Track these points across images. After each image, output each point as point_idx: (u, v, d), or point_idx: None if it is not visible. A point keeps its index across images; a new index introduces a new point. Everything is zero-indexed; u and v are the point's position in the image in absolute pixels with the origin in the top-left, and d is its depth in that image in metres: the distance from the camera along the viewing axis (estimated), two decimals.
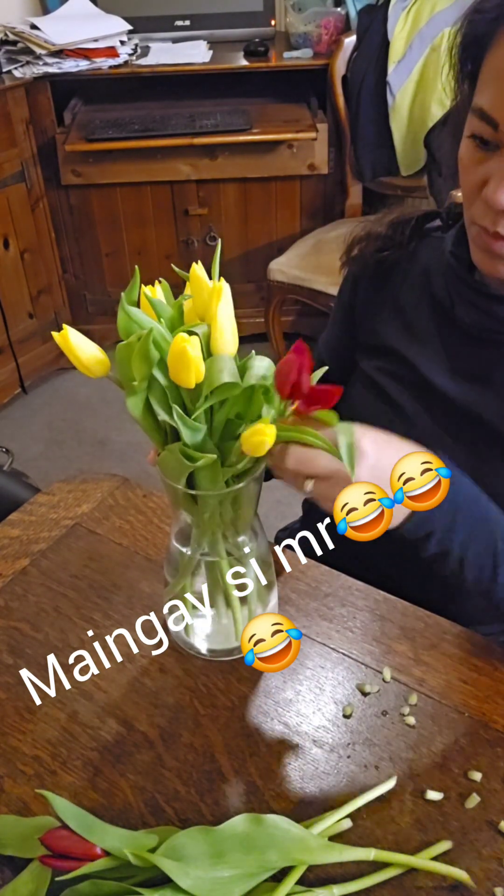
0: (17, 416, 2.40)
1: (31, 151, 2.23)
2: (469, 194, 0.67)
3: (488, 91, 0.61)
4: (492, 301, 0.73)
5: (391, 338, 0.83)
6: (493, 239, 0.66)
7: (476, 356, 0.76)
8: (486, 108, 0.61)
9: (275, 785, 0.64)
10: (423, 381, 0.80)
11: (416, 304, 0.82)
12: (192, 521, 0.65)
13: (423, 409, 0.80)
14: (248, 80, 2.36)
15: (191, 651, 0.74)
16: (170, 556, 0.70)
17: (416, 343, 0.81)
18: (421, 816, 0.61)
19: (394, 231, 0.83)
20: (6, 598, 0.82)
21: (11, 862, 0.59)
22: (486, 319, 0.74)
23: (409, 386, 0.81)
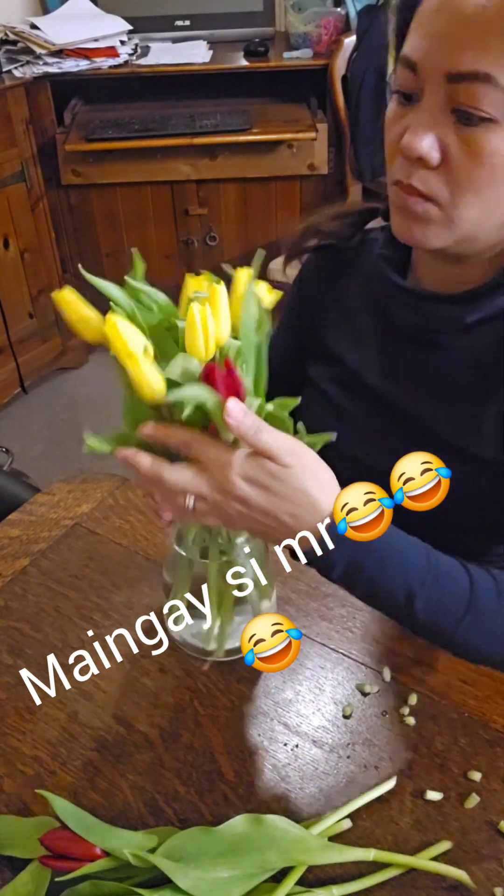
0: (17, 416, 2.40)
1: (31, 151, 2.23)
2: (390, 153, 0.64)
3: (412, 38, 0.60)
4: (419, 299, 0.72)
5: (337, 343, 0.82)
6: (406, 194, 0.63)
7: (414, 358, 0.76)
8: (408, 52, 0.60)
9: (274, 785, 0.64)
10: (367, 388, 0.79)
11: (358, 307, 0.81)
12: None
13: (373, 416, 0.79)
14: (248, 80, 2.36)
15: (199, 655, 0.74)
16: (169, 557, 0.70)
17: (359, 348, 0.80)
18: (420, 816, 0.61)
19: (335, 225, 0.82)
20: (6, 598, 0.82)
21: (11, 862, 0.59)
22: (419, 319, 0.73)
23: (356, 394, 0.80)
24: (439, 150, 0.60)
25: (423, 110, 0.60)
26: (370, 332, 0.80)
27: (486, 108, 0.56)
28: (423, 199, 0.62)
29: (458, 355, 0.73)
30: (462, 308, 0.70)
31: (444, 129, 0.59)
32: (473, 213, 0.62)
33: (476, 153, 0.58)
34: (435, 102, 0.59)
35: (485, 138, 0.58)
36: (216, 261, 2.46)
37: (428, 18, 0.59)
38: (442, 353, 0.73)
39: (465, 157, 0.59)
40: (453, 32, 0.56)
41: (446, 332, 0.73)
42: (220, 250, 2.44)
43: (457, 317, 0.71)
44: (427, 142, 0.59)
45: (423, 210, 0.63)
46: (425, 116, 0.60)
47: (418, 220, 0.64)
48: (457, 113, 0.58)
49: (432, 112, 0.59)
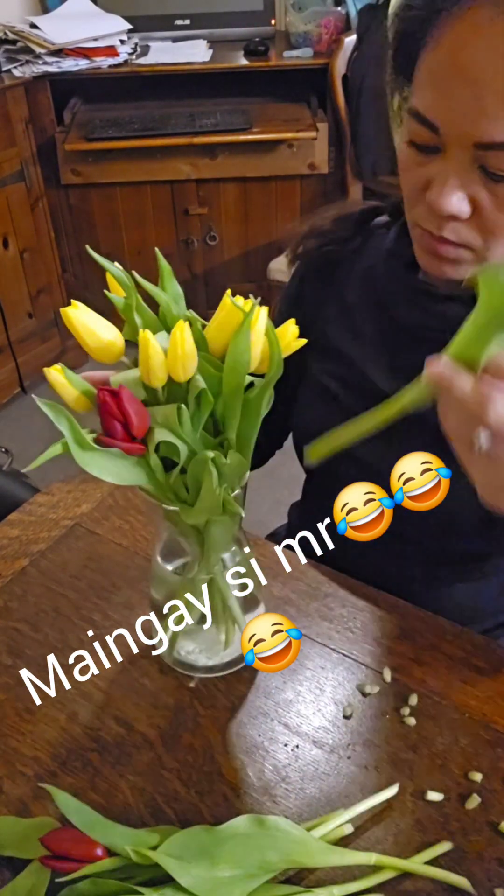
0: (16, 416, 2.40)
1: (30, 151, 2.23)
2: (411, 197, 0.65)
3: (425, 94, 0.59)
4: (431, 299, 0.72)
5: (337, 339, 0.82)
6: (438, 242, 0.64)
7: (420, 356, 0.75)
8: (425, 111, 0.59)
9: (275, 785, 0.64)
10: (370, 387, 0.78)
11: (360, 303, 0.81)
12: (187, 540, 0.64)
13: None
14: (248, 80, 2.36)
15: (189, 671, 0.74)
16: (156, 575, 0.69)
17: (361, 345, 0.80)
18: (421, 817, 0.61)
19: (337, 226, 0.82)
20: (5, 599, 0.82)
21: (11, 863, 0.59)
22: (427, 318, 0.73)
23: (359, 391, 0.80)
24: (469, 204, 0.60)
25: (448, 166, 0.59)
26: (372, 331, 0.79)
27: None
28: (456, 246, 0.63)
29: None
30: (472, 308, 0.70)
31: (471, 183, 0.59)
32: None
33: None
34: (461, 160, 0.58)
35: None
36: (216, 261, 2.46)
37: (442, 76, 0.57)
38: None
39: (495, 209, 0.59)
40: (477, 101, 0.55)
41: (455, 332, 0.73)
42: (220, 250, 2.44)
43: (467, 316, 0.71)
44: (456, 199, 0.59)
45: (455, 255, 0.64)
46: (451, 173, 0.59)
47: (450, 263, 0.65)
48: (485, 171, 0.58)
49: (458, 168, 0.58)
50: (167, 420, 0.55)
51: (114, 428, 0.53)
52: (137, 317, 0.57)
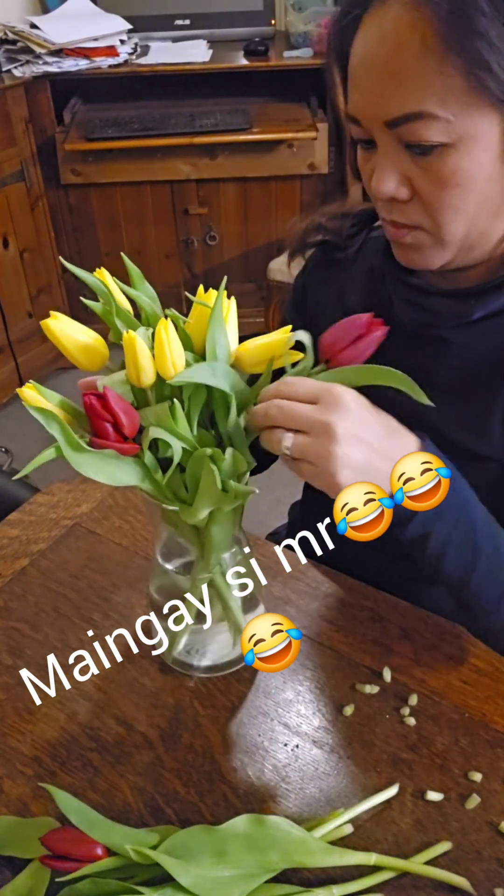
0: (16, 416, 2.40)
1: (30, 151, 2.23)
2: (369, 193, 0.68)
3: (349, 93, 0.64)
4: (424, 295, 0.73)
5: None
6: (394, 229, 0.67)
7: (418, 355, 0.75)
8: (349, 108, 0.64)
9: (274, 785, 0.64)
10: (367, 388, 0.79)
11: (359, 305, 0.81)
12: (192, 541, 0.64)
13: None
14: (248, 80, 2.36)
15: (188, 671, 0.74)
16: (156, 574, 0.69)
17: None
18: (421, 817, 0.61)
19: (336, 223, 0.83)
20: (6, 598, 0.82)
21: (11, 862, 0.59)
22: (423, 315, 0.74)
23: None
24: (406, 185, 0.63)
25: (381, 153, 0.63)
26: None
27: (433, 137, 0.59)
28: (409, 230, 0.66)
29: (463, 351, 0.73)
30: (468, 304, 0.71)
31: (404, 163, 0.62)
32: (459, 227, 0.64)
33: (439, 177, 0.61)
34: (388, 144, 0.62)
35: (442, 162, 0.60)
36: (216, 260, 2.46)
37: (354, 74, 0.63)
38: (447, 349, 0.73)
39: (431, 184, 0.62)
40: (377, 84, 0.60)
41: (451, 328, 0.73)
42: (220, 250, 2.44)
43: (463, 312, 0.71)
44: (392, 182, 0.63)
45: (412, 239, 0.67)
46: (384, 159, 0.63)
47: (413, 249, 0.68)
48: (410, 148, 0.61)
49: (389, 153, 0.63)
50: (160, 418, 0.55)
51: (104, 429, 0.53)
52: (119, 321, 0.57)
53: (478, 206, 0.63)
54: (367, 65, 0.61)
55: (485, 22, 0.55)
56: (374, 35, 0.60)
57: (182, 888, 0.55)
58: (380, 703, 0.70)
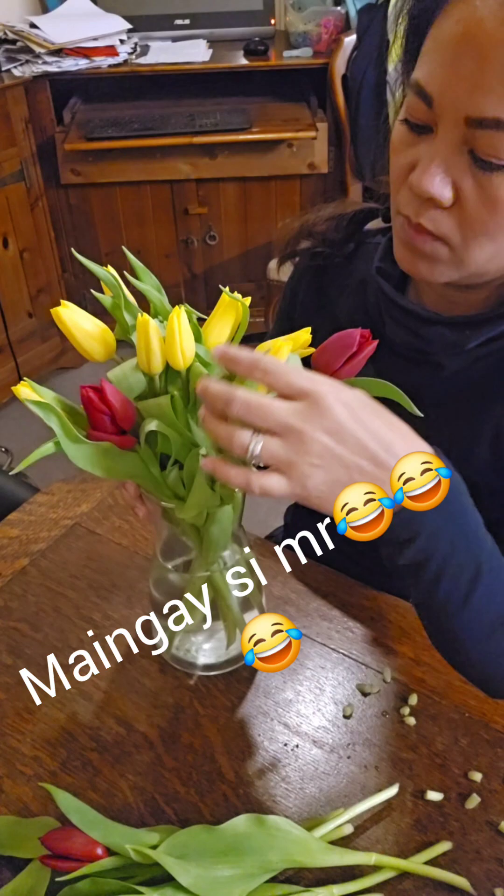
0: (17, 416, 2.40)
1: (30, 150, 2.22)
2: (396, 180, 0.61)
3: (427, 63, 0.55)
4: (422, 323, 0.69)
5: None
6: (415, 232, 0.60)
7: (407, 375, 0.72)
8: (423, 81, 0.55)
9: (274, 785, 0.64)
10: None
11: (350, 315, 0.78)
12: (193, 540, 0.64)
13: None
14: (247, 80, 2.36)
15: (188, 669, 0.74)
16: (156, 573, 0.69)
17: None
18: (421, 817, 0.61)
19: (329, 227, 0.79)
20: (6, 598, 0.82)
21: (11, 862, 0.59)
22: (415, 340, 0.70)
23: None
24: (452, 190, 0.56)
25: (436, 146, 0.56)
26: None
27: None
28: (432, 239, 0.59)
29: (454, 376, 0.71)
30: (463, 334, 0.68)
31: (458, 168, 0.55)
32: (484, 254, 0.59)
33: (492, 199, 0.55)
34: (450, 140, 0.55)
35: (502, 186, 0.54)
36: (216, 260, 2.46)
37: (447, 45, 0.53)
38: (437, 372, 0.71)
39: (479, 202, 0.56)
40: (477, 72, 0.51)
41: (444, 354, 0.70)
42: (220, 250, 2.44)
43: (458, 342, 0.68)
44: (439, 181, 0.56)
45: (431, 249, 0.60)
46: (439, 154, 0.55)
47: (425, 258, 0.61)
48: (473, 155, 0.54)
49: (446, 149, 0.55)
50: (161, 409, 0.55)
51: (101, 422, 0.54)
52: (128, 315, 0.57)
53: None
54: (470, 42, 0.51)
55: None
56: (487, 11, 0.51)
57: (182, 888, 0.55)
58: (380, 703, 0.70)
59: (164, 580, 0.70)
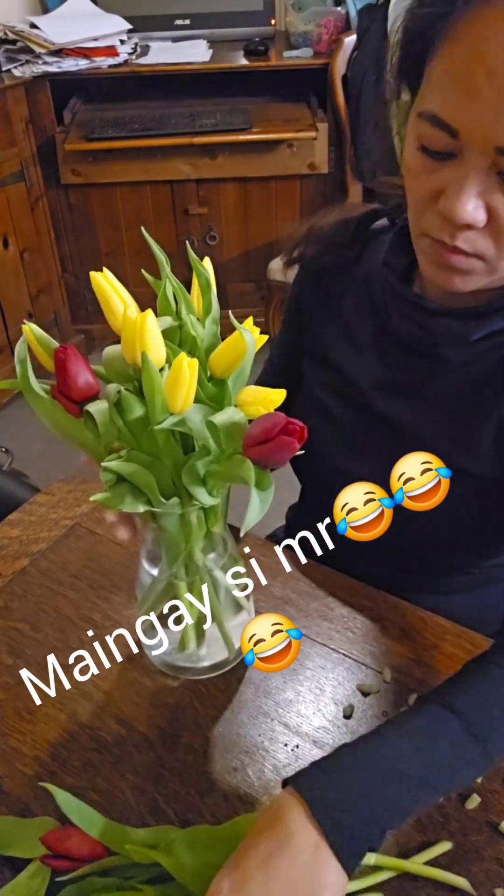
0: (17, 416, 2.40)
1: (30, 151, 2.22)
2: (419, 204, 0.61)
3: (444, 96, 0.55)
4: (428, 315, 0.70)
5: (333, 347, 0.81)
6: (450, 253, 0.60)
7: (413, 369, 0.74)
8: (442, 115, 0.55)
9: (275, 786, 0.64)
10: (360, 397, 0.78)
11: (357, 313, 0.79)
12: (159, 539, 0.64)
13: (364, 427, 0.78)
14: (248, 80, 2.36)
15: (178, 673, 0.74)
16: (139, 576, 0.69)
17: (356, 354, 0.79)
18: (421, 817, 0.61)
19: (337, 232, 0.80)
20: (6, 598, 0.82)
21: (11, 862, 0.59)
22: (422, 333, 0.71)
23: (348, 402, 0.79)
24: (485, 212, 0.57)
25: (465, 173, 0.56)
26: (368, 340, 0.78)
27: None
28: (467, 257, 0.60)
29: (459, 369, 0.71)
30: (469, 325, 0.69)
31: (488, 190, 0.56)
32: None
33: None
34: (480, 166, 0.55)
35: None
36: (216, 260, 2.46)
37: (461, 75, 0.53)
38: (442, 365, 0.72)
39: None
40: (501, 101, 0.51)
41: (449, 346, 0.71)
42: (220, 250, 2.44)
43: (463, 333, 0.69)
44: (472, 207, 0.56)
45: (467, 265, 0.61)
46: (469, 180, 0.56)
47: (461, 273, 0.62)
48: (503, 176, 0.55)
49: (478, 176, 0.55)
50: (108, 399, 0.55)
51: (62, 384, 0.55)
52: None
53: None
54: (490, 73, 0.51)
55: None
56: (500, 37, 0.50)
57: (182, 887, 0.55)
58: (380, 703, 0.70)
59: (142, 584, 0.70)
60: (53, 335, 0.59)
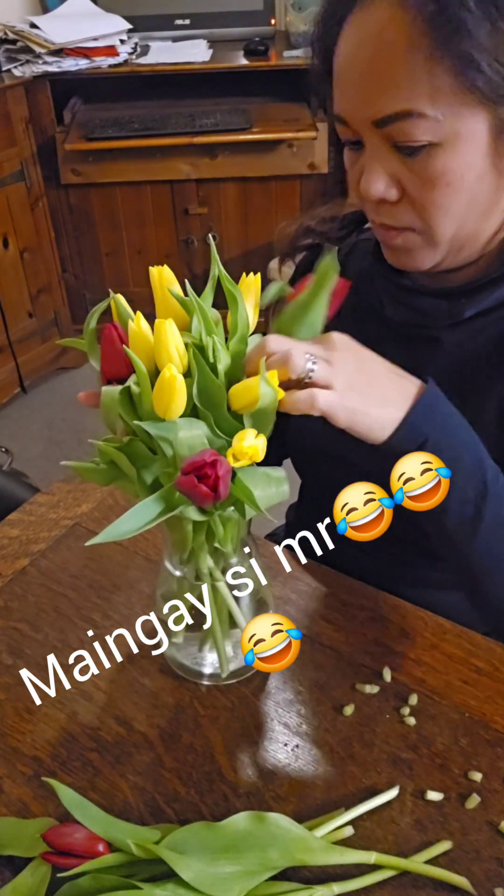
0: (16, 416, 2.40)
1: (30, 150, 2.23)
2: (357, 195, 0.67)
3: (335, 93, 0.63)
4: (415, 295, 0.73)
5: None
6: (385, 231, 0.66)
7: (409, 355, 0.74)
8: (335, 108, 0.63)
9: (275, 785, 0.64)
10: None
11: (352, 309, 0.79)
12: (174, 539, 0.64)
13: None
14: (247, 80, 2.36)
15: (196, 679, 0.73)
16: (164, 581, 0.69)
17: None
18: (421, 817, 0.61)
19: (327, 226, 0.83)
20: (6, 598, 0.82)
21: (11, 862, 0.59)
22: (413, 315, 0.74)
23: None
24: (395, 186, 0.63)
25: (369, 154, 0.63)
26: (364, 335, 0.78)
27: (421, 136, 0.59)
28: (399, 231, 0.66)
29: (454, 349, 0.72)
30: (459, 303, 0.71)
31: (392, 164, 0.62)
32: (449, 227, 0.64)
33: (429, 178, 0.61)
34: (375, 144, 0.62)
35: (431, 162, 0.60)
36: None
37: (340, 74, 0.62)
38: (438, 348, 0.73)
39: (420, 185, 0.61)
40: (363, 83, 0.59)
41: (442, 327, 0.73)
42: (220, 250, 2.44)
43: (454, 312, 0.71)
44: (380, 183, 0.62)
45: (402, 241, 0.66)
46: (372, 159, 0.62)
47: (403, 251, 0.67)
48: (398, 147, 0.61)
49: (377, 153, 0.62)
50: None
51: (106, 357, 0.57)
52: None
53: (468, 205, 0.62)
54: (353, 64, 0.60)
55: (472, 21, 0.55)
56: (359, 34, 0.59)
57: (184, 884, 0.55)
58: (380, 703, 0.70)
59: (169, 588, 0.70)
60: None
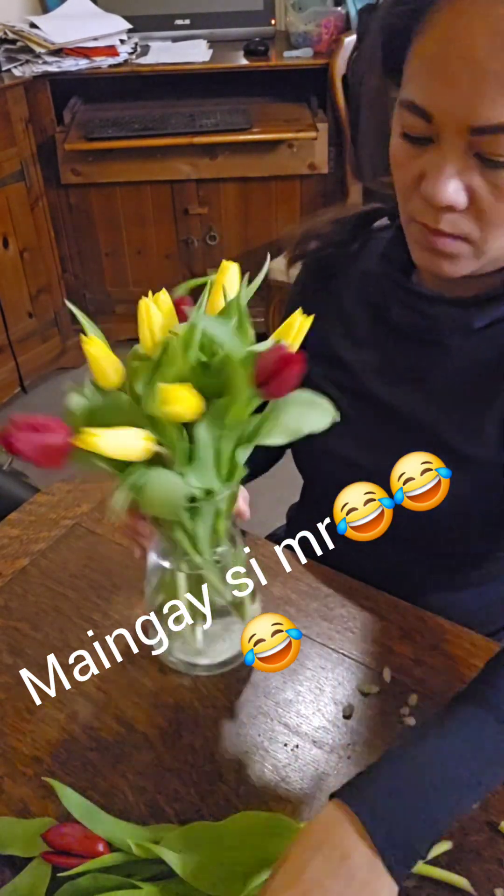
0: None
1: (30, 150, 2.22)
2: (405, 190, 0.63)
3: (419, 82, 0.57)
4: (425, 302, 0.72)
5: (334, 343, 0.81)
6: (435, 236, 0.62)
7: (416, 359, 0.75)
8: (418, 100, 0.57)
9: (275, 785, 0.64)
10: (366, 391, 0.78)
11: (357, 308, 0.80)
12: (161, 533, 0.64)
13: (372, 420, 0.79)
14: (248, 80, 2.36)
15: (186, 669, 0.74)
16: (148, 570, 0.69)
17: (359, 350, 0.79)
18: None
19: (334, 229, 0.82)
20: (6, 598, 0.82)
21: (11, 862, 0.59)
22: (421, 320, 0.73)
23: (354, 397, 0.79)
24: (465, 194, 0.58)
25: (445, 157, 0.58)
26: (369, 335, 0.79)
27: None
28: (453, 239, 0.62)
29: (462, 356, 0.72)
30: (470, 313, 0.70)
31: (467, 172, 0.58)
32: (502, 242, 0.62)
33: (502, 191, 0.58)
34: (457, 148, 0.57)
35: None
36: (216, 260, 2.46)
37: (436, 61, 0.56)
38: (445, 353, 0.73)
39: (492, 197, 0.58)
40: (472, 83, 0.54)
41: (450, 335, 0.72)
42: (220, 250, 2.44)
43: (465, 321, 0.70)
44: (452, 188, 0.58)
45: (453, 248, 0.63)
46: (449, 164, 0.58)
47: (448, 257, 0.64)
48: (479, 157, 0.57)
49: (455, 158, 0.57)
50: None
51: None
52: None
53: None
54: (460, 55, 0.54)
55: None
56: (474, 24, 0.53)
57: (183, 883, 0.55)
58: (380, 703, 0.70)
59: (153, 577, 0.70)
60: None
